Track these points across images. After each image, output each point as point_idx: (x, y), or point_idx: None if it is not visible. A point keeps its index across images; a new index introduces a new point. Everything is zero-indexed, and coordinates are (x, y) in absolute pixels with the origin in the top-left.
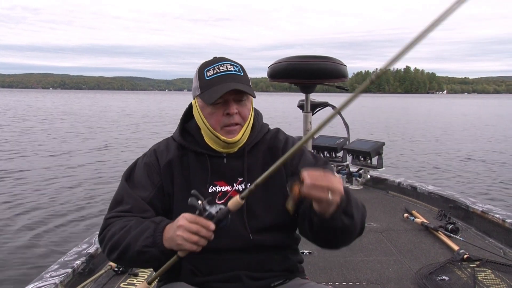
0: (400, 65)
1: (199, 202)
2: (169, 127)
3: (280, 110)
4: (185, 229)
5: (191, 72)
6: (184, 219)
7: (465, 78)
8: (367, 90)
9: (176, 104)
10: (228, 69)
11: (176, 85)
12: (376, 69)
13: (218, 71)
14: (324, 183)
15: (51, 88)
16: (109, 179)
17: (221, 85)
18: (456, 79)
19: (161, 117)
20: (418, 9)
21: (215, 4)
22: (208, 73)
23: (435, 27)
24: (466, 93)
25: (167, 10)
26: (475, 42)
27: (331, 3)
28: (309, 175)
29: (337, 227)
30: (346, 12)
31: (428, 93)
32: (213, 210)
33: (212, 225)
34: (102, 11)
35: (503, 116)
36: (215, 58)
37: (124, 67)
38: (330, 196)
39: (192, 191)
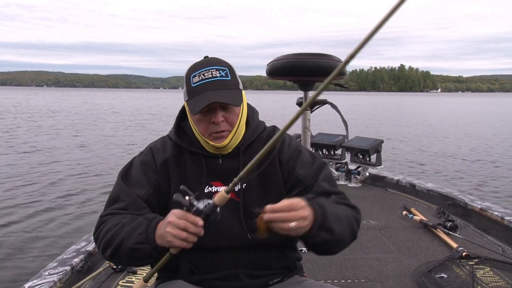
0: (394, 64)
1: (186, 197)
2: (160, 124)
3: (274, 108)
4: (173, 226)
5: (186, 70)
6: (173, 215)
7: (459, 76)
8: (362, 89)
9: (170, 102)
10: (214, 75)
11: (171, 83)
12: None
13: (203, 78)
14: (282, 217)
15: (45, 86)
16: (109, 177)
17: (206, 93)
18: (450, 78)
19: (152, 115)
20: (415, 9)
21: (211, 2)
22: (194, 79)
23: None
24: (460, 92)
25: (164, 7)
26: (470, 41)
27: (329, 2)
28: (269, 209)
29: (319, 243)
30: (345, 12)
31: (422, 91)
32: (200, 205)
33: (200, 221)
34: (97, 9)
35: (500, 114)
36: (205, 59)
37: (119, 65)
38: (292, 224)
39: (181, 187)
